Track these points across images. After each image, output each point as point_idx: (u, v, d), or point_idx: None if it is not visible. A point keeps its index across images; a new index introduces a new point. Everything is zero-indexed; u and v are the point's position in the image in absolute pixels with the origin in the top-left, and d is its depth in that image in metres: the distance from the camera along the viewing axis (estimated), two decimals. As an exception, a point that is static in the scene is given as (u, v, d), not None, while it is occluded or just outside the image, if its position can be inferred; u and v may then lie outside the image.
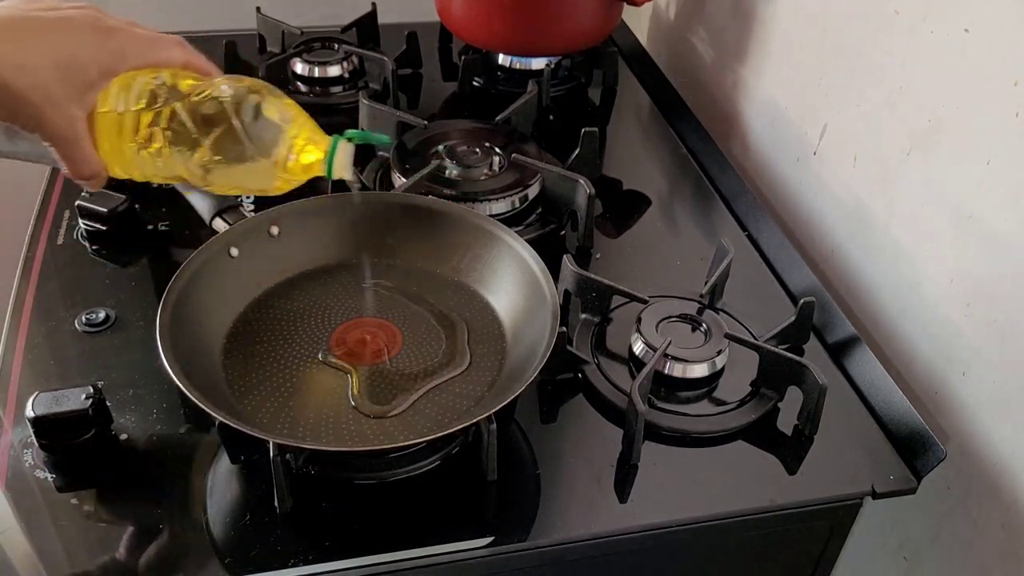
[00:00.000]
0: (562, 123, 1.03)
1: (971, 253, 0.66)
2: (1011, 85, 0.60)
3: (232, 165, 0.56)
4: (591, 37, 1.06)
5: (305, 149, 0.57)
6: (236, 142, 0.55)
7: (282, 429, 0.60)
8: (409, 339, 0.67)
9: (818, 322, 0.74)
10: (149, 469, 0.60)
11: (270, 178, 0.57)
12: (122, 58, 0.54)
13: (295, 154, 0.57)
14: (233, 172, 0.56)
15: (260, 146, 0.56)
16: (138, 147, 0.56)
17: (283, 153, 0.56)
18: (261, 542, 0.56)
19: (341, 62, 1.04)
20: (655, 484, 0.61)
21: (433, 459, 0.61)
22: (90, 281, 0.75)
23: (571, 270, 0.72)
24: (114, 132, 0.55)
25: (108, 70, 0.54)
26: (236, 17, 1.13)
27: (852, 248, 0.81)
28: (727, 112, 1.03)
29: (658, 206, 0.90)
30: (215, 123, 0.55)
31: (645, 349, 0.68)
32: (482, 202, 0.81)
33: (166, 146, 0.55)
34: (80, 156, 0.55)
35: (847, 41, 0.80)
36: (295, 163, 0.57)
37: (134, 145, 0.56)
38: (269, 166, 0.56)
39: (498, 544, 0.57)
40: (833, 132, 0.83)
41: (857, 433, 0.66)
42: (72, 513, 0.57)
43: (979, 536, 0.68)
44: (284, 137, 0.56)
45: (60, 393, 0.60)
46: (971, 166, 0.65)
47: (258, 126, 0.55)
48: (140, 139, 0.56)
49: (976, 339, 0.66)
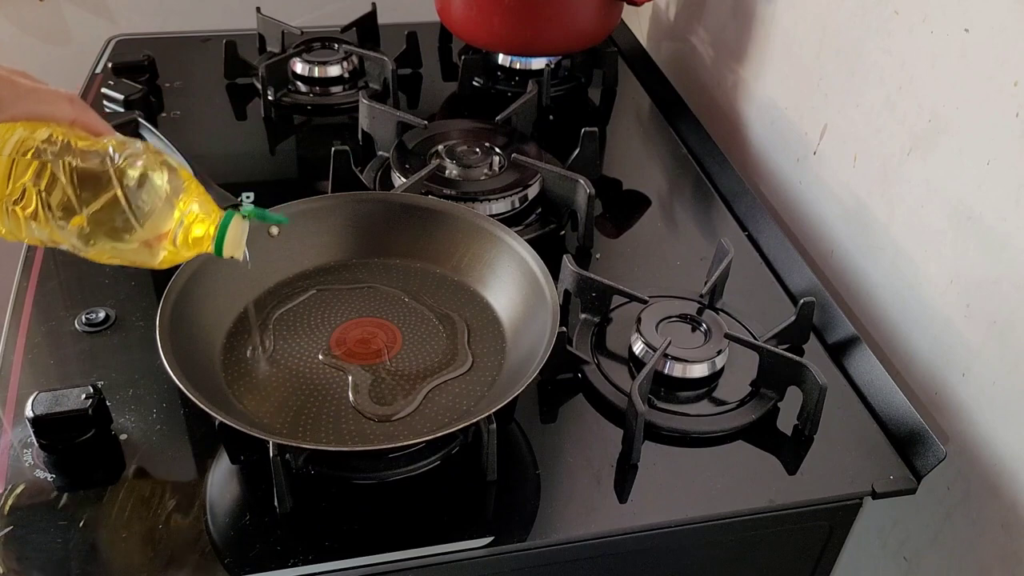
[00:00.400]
0: (562, 123, 1.03)
1: (971, 253, 0.66)
2: (1011, 85, 0.61)
3: (114, 235, 0.52)
4: (591, 37, 1.06)
5: (194, 224, 0.53)
6: (119, 211, 0.51)
7: (282, 429, 0.60)
8: (409, 339, 0.67)
9: (818, 322, 0.74)
10: (149, 469, 0.60)
11: (155, 252, 0.53)
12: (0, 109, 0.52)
13: (183, 228, 0.53)
14: (115, 242, 0.52)
15: (145, 217, 0.52)
16: (10, 205, 0.52)
17: (169, 226, 0.52)
18: (261, 542, 0.56)
19: (341, 62, 1.04)
20: (655, 484, 0.61)
21: (433, 459, 0.61)
22: (90, 281, 0.75)
23: (571, 270, 0.72)
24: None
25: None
26: (236, 17, 1.13)
27: (852, 248, 0.81)
28: (727, 112, 1.03)
29: (658, 206, 0.90)
30: (97, 189, 0.51)
31: (645, 349, 0.68)
32: (482, 202, 0.81)
33: (41, 208, 0.51)
34: None
35: (847, 41, 0.80)
36: (183, 236, 0.53)
37: (7, 203, 0.52)
38: (155, 238, 0.53)
39: (498, 544, 0.57)
40: (833, 132, 0.83)
41: (857, 433, 0.66)
42: (72, 513, 0.58)
43: (979, 536, 0.68)
44: (171, 209, 0.52)
45: (60, 393, 0.60)
46: (971, 166, 0.65)
47: (144, 195, 0.51)
48: (12, 196, 0.52)
49: (976, 339, 0.66)
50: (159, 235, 0.53)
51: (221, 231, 0.54)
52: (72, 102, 0.55)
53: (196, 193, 0.54)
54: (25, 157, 0.52)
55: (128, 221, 0.52)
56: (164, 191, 0.52)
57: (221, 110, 1.02)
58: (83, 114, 0.55)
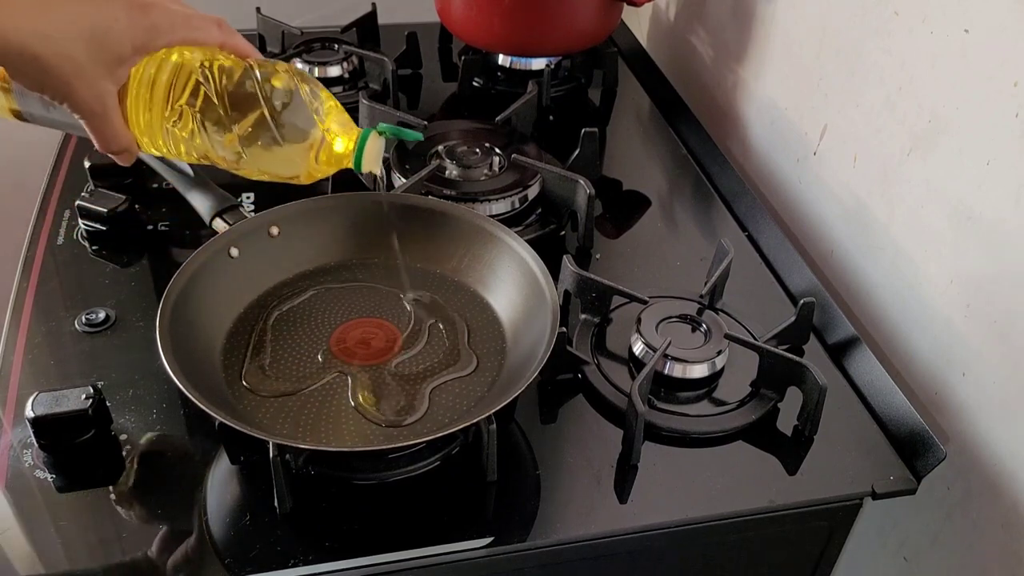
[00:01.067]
0: (562, 123, 1.03)
1: (971, 253, 0.66)
2: (1011, 85, 0.61)
3: (261, 151, 0.56)
4: (591, 37, 1.06)
5: (335, 140, 0.57)
6: (266, 128, 0.55)
7: (282, 429, 0.60)
8: (409, 339, 0.67)
9: (818, 322, 0.74)
10: (149, 469, 0.60)
11: (299, 166, 0.57)
12: (156, 34, 0.54)
13: (325, 144, 0.56)
14: (262, 158, 0.56)
15: (290, 134, 0.55)
16: (169, 125, 0.56)
17: (313, 142, 0.56)
18: (261, 542, 0.56)
19: (341, 62, 1.04)
20: (655, 484, 0.61)
21: (433, 459, 0.61)
22: (90, 281, 0.75)
23: (571, 270, 0.72)
24: (145, 108, 0.55)
25: (141, 46, 0.53)
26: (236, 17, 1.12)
27: (852, 248, 0.81)
28: (727, 112, 1.03)
29: (658, 206, 0.90)
30: (246, 108, 0.55)
31: (645, 349, 0.68)
32: (482, 202, 0.81)
33: (196, 127, 0.55)
34: (109, 131, 0.54)
35: (847, 41, 0.80)
36: (325, 153, 0.57)
37: (165, 123, 0.56)
38: (299, 154, 0.56)
39: (498, 544, 0.57)
40: (833, 132, 0.83)
41: (857, 434, 0.66)
42: (72, 513, 0.58)
43: (979, 536, 0.68)
44: (315, 126, 0.56)
45: (60, 393, 0.60)
46: (971, 166, 0.65)
47: (289, 114, 0.55)
48: (171, 117, 0.55)
49: (976, 340, 0.66)
50: (303, 150, 0.56)
51: (360, 146, 0.57)
52: (220, 26, 0.57)
53: (336, 111, 0.57)
54: (181, 80, 0.55)
55: (274, 137, 0.55)
56: (306, 109, 0.56)
57: (221, 110, 1.02)
58: (231, 38, 0.58)
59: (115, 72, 0.53)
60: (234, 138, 0.55)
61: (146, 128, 0.56)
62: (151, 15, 0.53)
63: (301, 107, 0.55)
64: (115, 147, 0.56)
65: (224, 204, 0.71)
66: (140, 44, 0.53)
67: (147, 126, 0.56)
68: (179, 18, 0.55)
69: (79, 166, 0.86)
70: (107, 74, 0.52)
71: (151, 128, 0.56)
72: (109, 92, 0.53)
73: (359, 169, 0.58)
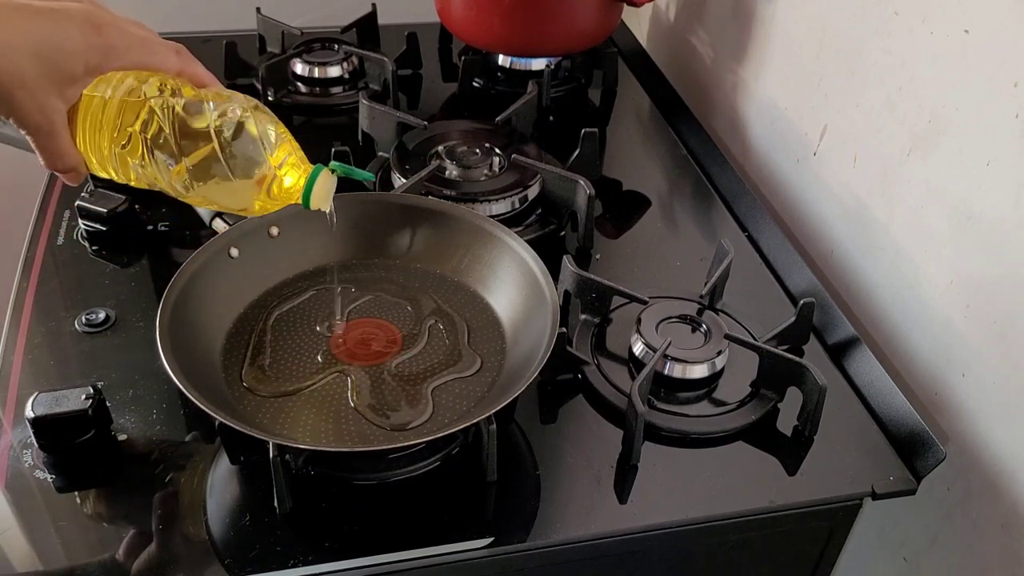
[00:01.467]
0: (562, 124, 1.03)
1: (971, 254, 0.66)
2: (1011, 86, 0.60)
3: (210, 183, 0.54)
4: (591, 38, 1.06)
5: (286, 175, 0.55)
6: (215, 161, 0.53)
7: (282, 430, 0.60)
8: (409, 340, 0.67)
9: (818, 323, 0.74)
10: (149, 469, 0.60)
11: (248, 199, 0.56)
12: (110, 55, 0.53)
13: (276, 179, 0.55)
14: (211, 190, 0.55)
15: (240, 167, 0.54)
16: (118, 149, 0.55)
17: (263, 177, 0.55)
18: (261, 543, 0.56)
19: (341, 63, 1.04)
20: (655, 485, 0.61)
21: (433, 459, 0.61)
22: (90, 281, 0.75)
23: (571, 271, 0.72)
24: (95, 129, 0.54)
25: (95, 66, 0.53)
26: (236, 17, 1.13)
27: (852, 249, 0.81)
28: (727, 113, 1.03)
29: (658, 207, 0.90)
30: (196, 139, 0.53)
31: (645, 350, 0.68)
32: (482, 203, 0.81)
33: (145, 154, 0.54)
34: (55, 148, 0.54)
35: (847, 42, 0.80)
36: (276, 187, 0.55)
37: (114, 147, 0.55)
38: (248, 188, 0.55)
39: (498, 544, 0.57)
40: (833, 133, 0.83)
41: (857, 434, 0.66)
42: (72, 513, 0.58)
43: (979, 537, 0.68)
44: (265, 161, 0.54)
45: (60, 393, 0.60)
46: (971, 167, 0.65)
47: (239, 147, 0.54)
48: (119, 141, 0.54)
49: (976, 340, 0.66)
50: (252, 185, 0.55)
51: (309, 183, 0.56)
52: (179, 53, 0.57)
53: (289, 146, 0.56)
54: (133, 105, 0.54)
55: (223, 170, 0.54)
56: (257, 143, 0.54)
57: (221, 110, 1.02)
58: (189, 65, 0.57)
59: (65, 90, 0.52)
60: (183, 169, 0.54)
61: (95, 150, 0.55)
62: (106, 36, 0.53)
63: (252, 141, 0.54)
64: (60, 166, 0.55)
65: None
66: (93, 64, 0.53)
67: (96, 148, 0.55)
68: (135, 41, 0.54)
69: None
70: (56, 91, 0.52)
71: (99, 150, 0.55)
72: (57, 109, 0.52)
73: (307, 207, 0.57)
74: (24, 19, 0.50)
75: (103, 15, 0.54)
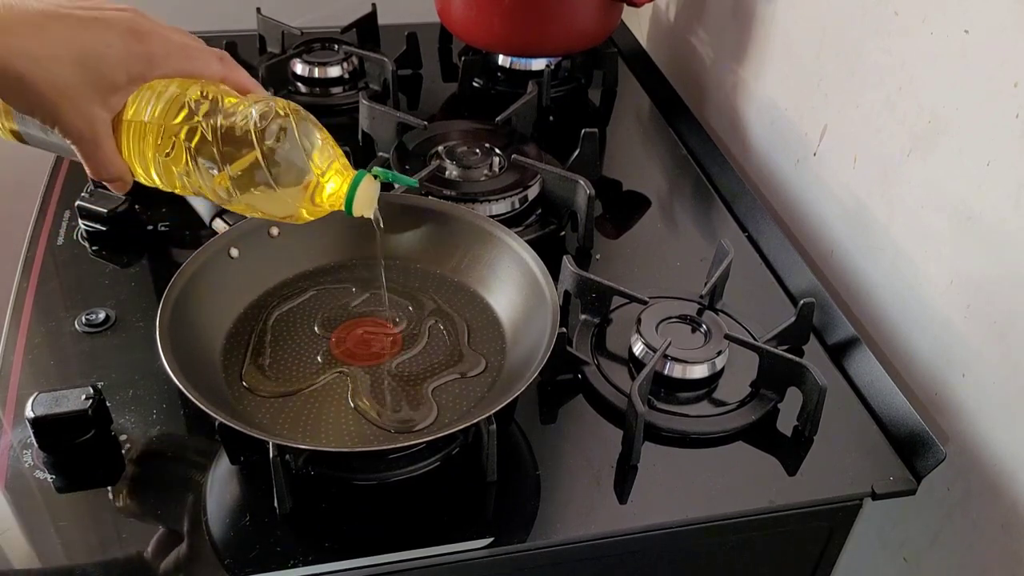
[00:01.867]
0: (562, 124, 1.03)
1: (971, 254, 0.66)
2: (1011, 86, 0.61)
3: (253, 191, 0.54)
4: (591, 38, 1.06)
5: (328, 182, 0.55)
6: (258, 169, 0.53)
7: (282, 430, 0.60)
8: (409, 340, 0.67)
9: (818, 323, 0.74)
10: (149, 469, 0.60)
11: (292, 207, 0.55)
12: (152, 63, 0.53)
13: (318, 187, 0.55)
14: (254, 197, 0.54)
15: (283, 176, 0.53)
16: (163, 157, 0.54)
17: (306, 185, 0.54)
18: (261, 543, 0.56)
19: (341, 63, 1.04)
20: (655, 485, 0.61)
21: (433, 460, 0.61)
22: (90, 281, 0.75)
23: (571, 271, 0.72)
24: (139, 138, 0.54)
25: (137, 74, 0.53)
26: (236, 17, 1.13)
27: (852, 249, 0.81)
28: (727, 113, 1.03)
29: (658, 207, 0.90)
30: (240, 147, 0.53)
31: (645, 350, 0.68)
32: (482, 203, 0.81)
33: (189, 162, 0.54)
34: (101, 158, 0.54)
35: (847, 42, 0.80)
36: (319, 195, 0.55)
37: (159, 155, 0.54)
38: (291, 196, 0.54)
39: (498, 545, 0.57)
40: (833, 133, 0.83)
41: (857, 434, 0.66)
42: (72, 513, 0.58)
43: (979, 537, 0.68)
44: (308, 169, 0.54)
45: (60, 394, 0.60)
46: (971, 167, 0.65)
47: (282, 153, 0.53)
48: (163, 149, 0.54)
49: (976, 340, 0.66)
50: (295, 193, 0.54)
51: (352, 189, 0.55)
52: (222, 60, 0.56)
53: (332, 153, 0.55)
54: (177, 113, 0.53)
55: (267, 179, 0.53)
56: (300, 152, 0.54)
57: (221, 111, 1.02)
58: (232, 72, 0.57)
59: (108, 99, 0.52)
60: (225, 177, 0.53)
61: (139, 158, 0.55)
62: (148, 44, 0.53)
63: (296, 149, 0.53)
64: (106, 175, 0.55)
65: None
66: (135, 72, 0.53)
67: (140, 156, 0.55)
68: (177, 48, 0.54)
69: (79, 167, 0.85)
70: (99, 100, 0.52)
71: (144, 159, 0.55)
72: (100, 118, 0.52)
73: (350, 213, 0.56)
74: (65, 28, 0.50)
75: (144, 23, 0.53)
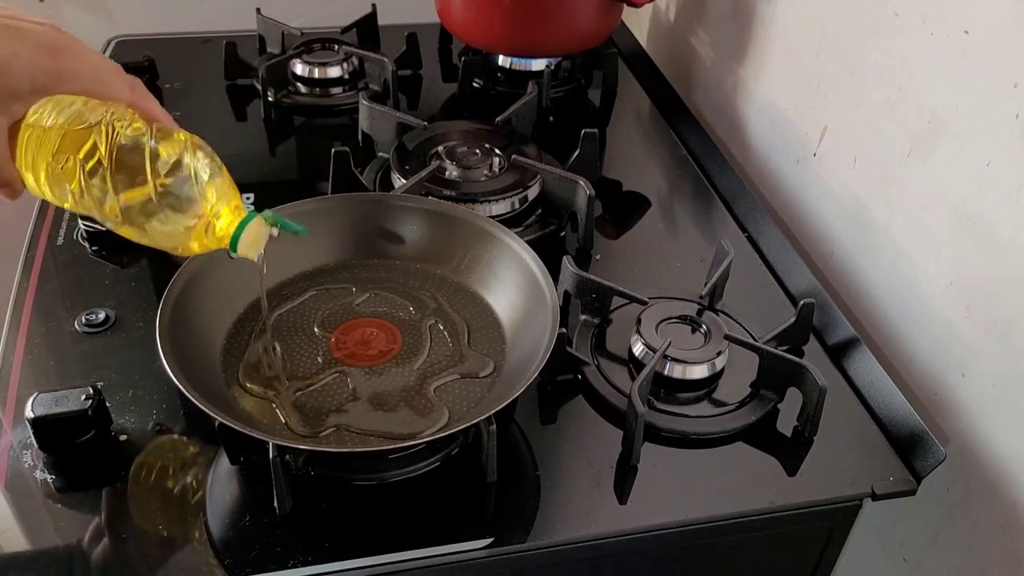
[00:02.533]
0: (562, 124, 1.03)
1: (971, 255, 0.66)
2: (1011, 87, 0.61)
3: (143, 220, 0.53)
4: (591, 38, 1.06)
5: (218, 220, 0.54)
6: (149, 200, 0.52)
7: (281, 430, 0.60)
8: (409, 340, 0.67)
9: (818, 323, 0.74)
10: (149, 470, 0.60)
11: (180, 239, 0.54)
12: (59, 79, 0.53)
13: (208, 223, 0.54)
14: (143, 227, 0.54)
15: (173, 205, 0.53)
16: (57, 170, 0.54)
17: (195, 218, 0.54)
18: (261, 543, 0.56)
19: (341, 63, 1.04)
20: (655, 485, 0.61)
21: (433, 460, 0.61)
22: (90, 281, 0.75)
23: (571, 271, 0.72)
24: (33, 147, 0.54)
25: (41, 87, 0.53)
26: (236, 18, 1.13)
27: (852, 249, 0.81)
28: (727, 113, 1.03)
29: (658, 207, 0.90)
30: (133, 175, 0.52)
31: (645, 350, 0.68)
32: (482, 203, 0.81)
33: (82, 181, 0.53)
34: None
35: (847, 42, 0.80)
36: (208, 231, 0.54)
37: (54, 167, 0.54)
38: (180, 227, 0.54)
39: (498, 545, 0.57)
40: (833, 133, 0.83)
41: (857, 434, 0.66)
42: (72, 513, 0.57)
43: (979, 537, 0.68)
44: (200, 203, 0.53)
45: (60, 394, 0.60)
46: (971, 167, 0.65)
47: (176, 184, 0.53)
48: (60, 163, 0.53)
49: (976, 340, 0.66)
50: (186, 226, 0.54)
51: (238, 230, 0.55)
52: (133, 87, 0.56)
53: (226, 190, 0.55)
54: (78, 127, 0.53)
55: (157, 210, 0.53)
56: (194, 186, 0.53)
57: (221, 111, 1.02)
58: (142, 100, 0.56)
59: (8, 105, 0.52)
60: (115, 203, 0.53)
61: (33, 169, 0.54)
62: (59, 60, 0.53)
63: (188, 182, 0.53)
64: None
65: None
66: (40, 85, 0.53)
67: (34, 167, 0.54)
68: (88, 69, 0.54)
69: (79, 166, 0.86)
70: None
71: (36, 170, 0.54)
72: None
73: (233, 253, 0.55)
74: None
75: (60, 40, 0.53)
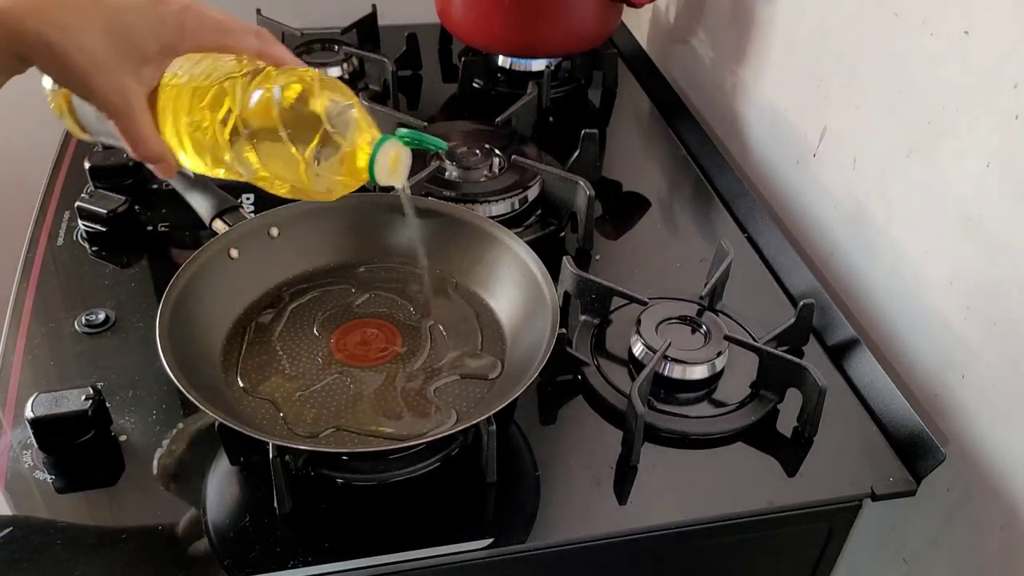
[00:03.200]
0: (562, 125, 1.03)
1: (971, 255, 0.66)
2: (1011, 87, 0.61)
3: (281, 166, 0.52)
4: (591, 39, 1.06)
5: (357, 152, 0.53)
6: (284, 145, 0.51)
7: (281, 430, 0.60)
8: (409, 341, 0.67)
9: (818, 324, 0.74)
10: (149, 470, 0.60)
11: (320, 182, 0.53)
12: (184, 35, 0.52)
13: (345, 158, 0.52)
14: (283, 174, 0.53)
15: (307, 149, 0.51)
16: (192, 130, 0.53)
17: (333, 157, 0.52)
18: (260, 543, 0.56)
19: (341, 63, 1.04)
20: (654, 486, 0.61)
21: (433, 460, 0.61)
22: (90, 282, 0.75)
23: (571, 272, 0.72)
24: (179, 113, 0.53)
25: (168, 45, 0.52)
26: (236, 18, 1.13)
27: (852, 250, 0.81)
28: (727, 114, 1.03)
29: (658, 208, 0.90)
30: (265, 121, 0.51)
31: (645, 351, 0.68)
32: (482, 204, 0.81)
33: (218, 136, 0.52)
34: (136, 132, 0.52)
35: (847, 43, 0.80)
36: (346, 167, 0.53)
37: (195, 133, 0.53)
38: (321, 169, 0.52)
39: (498, 546, 0.57)
40: (833, 134, 0.83)
41: (856, 435, 0.66)
42: (72, 513, 0.57)
43: (978, 538, 0.68)
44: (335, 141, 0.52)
45: (60, 394, 0.60)
46: (971, 168, 0.65)
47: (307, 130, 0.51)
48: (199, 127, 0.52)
49: (975, 341, 0.66)
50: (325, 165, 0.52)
51: (373, 155, 0.53)
52: (259, 35, 0.55)
53: (361, 123, 0.53)
54: (208, 86, 0.52)
55: (293, 154, 0.51)
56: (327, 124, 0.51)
57: (221, 111, 1.02)
58: (269, 47, 0.55)
59: (139, 71, 0.51)
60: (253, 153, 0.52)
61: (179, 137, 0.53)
62: (180, 15, 0.52)
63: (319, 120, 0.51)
64: (144, 151, 0.53)
65: (224, 205, 0.71)
66: (167, 43, 0.52)
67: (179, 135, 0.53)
68: (210, 22, 0.53)
69: (79, 167, 0.86)
70: (131, 70, 0.51)
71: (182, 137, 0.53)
72: (132, 90, 0.51)
73: (373, 181, 0.54)
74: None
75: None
